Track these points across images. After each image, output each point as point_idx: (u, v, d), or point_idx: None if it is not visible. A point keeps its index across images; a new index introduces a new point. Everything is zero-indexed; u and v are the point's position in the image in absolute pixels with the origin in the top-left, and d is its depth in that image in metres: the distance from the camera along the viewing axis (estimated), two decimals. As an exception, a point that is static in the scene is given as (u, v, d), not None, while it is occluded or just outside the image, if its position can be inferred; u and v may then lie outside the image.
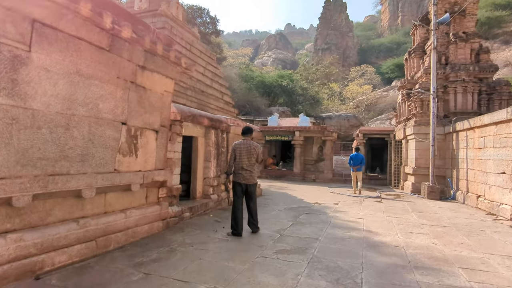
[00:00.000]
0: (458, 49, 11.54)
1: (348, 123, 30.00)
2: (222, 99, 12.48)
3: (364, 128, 16.03)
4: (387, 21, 71.61)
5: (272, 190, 11.17)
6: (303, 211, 7.16)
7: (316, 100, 34.78)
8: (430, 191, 10.05)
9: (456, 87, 11.21)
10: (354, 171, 11.17)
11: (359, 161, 10.99)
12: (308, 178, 15.89)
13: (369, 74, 47.61)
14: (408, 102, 12.82)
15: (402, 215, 7.04)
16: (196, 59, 11.29)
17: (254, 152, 5.02)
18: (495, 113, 7.49)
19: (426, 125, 11.30)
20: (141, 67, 4.50)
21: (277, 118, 18.15)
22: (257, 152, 5.06)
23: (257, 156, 5.08)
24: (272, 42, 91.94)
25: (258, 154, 5.09)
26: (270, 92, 35.64)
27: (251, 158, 4.99)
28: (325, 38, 62.16)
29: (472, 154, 8.96)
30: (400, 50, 53.24)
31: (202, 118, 6.34)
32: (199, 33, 35.19)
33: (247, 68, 39.88)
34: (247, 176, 4.94)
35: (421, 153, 11.43)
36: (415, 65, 13.36)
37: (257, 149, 5.06)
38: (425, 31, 13.22)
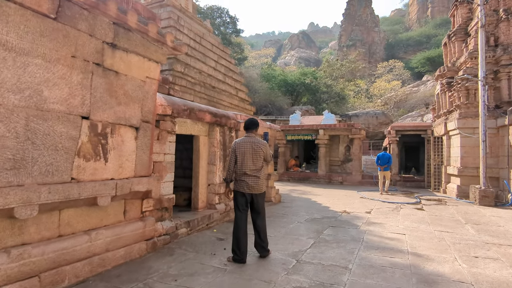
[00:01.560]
0: (510, 27, 9.76)
1: (376, 121, 28.06)
2: (236, 95, 11.43)
3: (396, 124, 14.39)
4: (415, 14, 68.15)
5: (294, 196, 9.93)
6: (328, 224, 5.89)
7: (342, 97, 33.03)
8: (483, 195, 8.40)
9: (510, 72, 9.44)
10: (381, 170, 11.06)
11: (386, 161, 10.92)
12: (334, 181, 14.47)
13: (397, 69, 45.20)
14: (450, 93, 11.13)
15: (454, 229, 5.60)
16: (207, 52, 10.32)
17: (261, 152, 3.87)
18: None
19: (474, 117, 9.61)
20: (111, 45, 3.50)
21: (299, 116, 16.86)
22: (264, 151, 3.90)
23: (264, 156, 3.94)
24: (295, 41, 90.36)
25: (266, 154, 3.94)
26: (293, 91, 34.33)
27: (257, 160, 3.84)
28: (349, 35, 59.96)
29: (538, 151, 7.28)
30: (430, 43, 50.20)
31: (203, 113, 5.28)
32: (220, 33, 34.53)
33: (269, 68, 38.80)
34: (252, 184, 3.80)
35: (467, 151, 9.75)
36: (456, 50, 11.62)
37: (264, 147, 3.90)
38: (467, 10, 11.46)
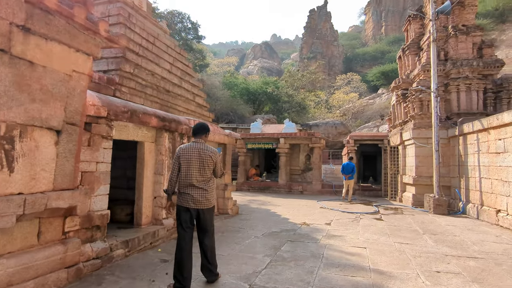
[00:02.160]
0: (458, 42, 10.31)
1: (336, 131, 28.79)
2: (194, 101, 10.80)
3: (355, 133, 14.67)
4: (371, 31, 72.21)
5: (253, 207, 9.48)
6: (286, 238, 5.49)
7: (303, 107, 33.59)
8: (437, 204, 8.58)
9: (459, 85, 9.91)
10: (346, 179, 11.47)
11: (350, 170, 11.31)
12: (294, 190, 14.28)
13: (355, 82, 47.33)
14: (405, 104, 11.48)
15: (413, 240, 5.47)
16: (162, 54, 9.62)
17: (210, 161, 3.36)
18: (520, 109, 6.11)
19: (427, 128, 9.92)
20: (22, 28, 2.83)
21: (260, 124, 16.60)
22: (214, 160, 3.39)
23: (214, 167, 3.43)
24: (257, 51, 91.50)
25: (216, 164, 3.43)
26: (255, 100, 34.29)
27: (205, 170, 3.32)
28: (310, 47, 61.93)
29: (486, 160, 7.55)
30: (384, 58, 53.26)
31: (148, 117, 4.67)
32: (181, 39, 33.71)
33: (231, 76, 38.55)
34: (199, 198, 3.27)
35: (422, 160, 10.01)
36: (410, 63, 12.09)
37: (214, 156, 3.40)
38: (419, 26, 12.01)
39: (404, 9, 65.93)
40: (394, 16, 67.08)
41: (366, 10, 75.83)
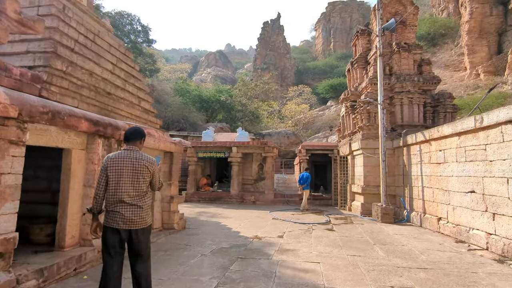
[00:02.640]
0: (401, 59, 10.95)
1: (288, 140, 29.25)
2: (139, 105, 9.97)
3: (306, 143, 14.85)
4: (321, 46, 75.82)
5: (202, 220, 8.89)
6: (237, 255, 5.06)
7: (256, 116, 33.70)
8: (384, 213, 8.81)
9: (402, 99, 10.47)
10: (302, 190, 11.75)
11: (305, 180, 11.49)
12: (247, 201, 13.92)
13: (306, 94, 49.01)
14: (353, 115, 11.85)
15: (365, 252, 5.39)
16: (103, 53, 8.72)
17: (146, 172, 2.83)
18: (458, 123, 6.47)
19: (374, 139, 10.28)
20: None
21: (212, 132, 16.07)
22: (151, 171, 2.87)
23: (151, 179, 2.91)
24: (211, 59, 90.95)
25: (153, 175, 2.91)
26: (208, 108, 33.62)
27: (140, 183, 2.78)
28: (264, 58, 63.08)
29: (428, 170, 7.92)
30: (333, 73, 56.11)
31: (76, 120, 3.98)
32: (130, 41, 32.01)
33: (184, 83, 37.47)
34: (131, 216, 2.71)
35: (370, 170, 10.31)
36: (358, 76, 12.59)
37: (151, 166, 2.87)
38: (366, 41, 12.60)
39: (350, 28, 70.62)
40: (342, 34, 71.38)
41: (317, 27, 79.70)
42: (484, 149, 5.72)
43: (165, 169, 6.93)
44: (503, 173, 5.21)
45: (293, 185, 17.19)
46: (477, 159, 5.91)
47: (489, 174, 5.59)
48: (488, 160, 5.61)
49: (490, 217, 5.54)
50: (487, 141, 5.62)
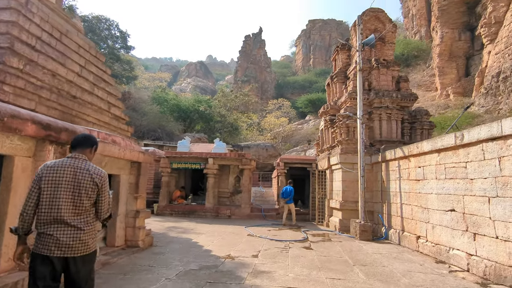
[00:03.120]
0: (380, 75, 11.00)
1: (266, 153, 28.99)
2: (108, 111, 9.32)
3: (285, 156, 14.59)
4: (300, 62, 77.30)
5: (172, 236, 8.27)
6: (206, 278, 4.56)
7: (235, 128, 33.33)
8: (362, 230, 8.56)
9: (381, 114, 10.45)
10: (285, 203, 11.60)
11: (288, 194, 11.50)
12: (222, 215, 13.35)
13: (285, 107, 49.43)
14: (332, 129, 11.72)
15: (345, 274, 5.03)
16: (70, 53, 8.09)
17: (91, 187, 2.33)
18: (438, 139, 6.37)
19: (353, 153, 10.13)
20: None
21: (188, 143, 15.49)
22: (99, 186, 2.37)
23: (98, 198, 2.40)
24: (192, 69, 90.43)
25: (101, 192, 2.39)
26: (186, 117, 32.91)
27: (82, 200, 2.28)
28: (245, 71, 63.38)
29: (407, 187, 7.79)
30: (312, 88, 57.13)
31: (19, 122, 3.43)
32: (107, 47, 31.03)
33: (162, 91, 36.64)
34: (68, 240, 2.19)
35: (348, 185, 10.12)
36: (337, 90, 12.56)
37: (100, 180, 2.38)
38: (346, 56, 12.66)
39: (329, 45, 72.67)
40: (321, 51, 73.28)
41: (297, 43, 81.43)
42: (464, 167, 5.60)
43: (131, 181, 6.35)
44: (484, 192, 5.07)
45: (270, 199, 16.80)
46: (458, 177, 5.78)
47: (469, 193, 5.45)
48: (468, 178, 5.48)
49: (471, 237, 5.37)
50: (468, 158, 5.51)
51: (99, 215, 2.41)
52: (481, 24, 28.65)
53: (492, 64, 26.57)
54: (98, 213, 2.40)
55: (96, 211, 2.38)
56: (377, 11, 11.67)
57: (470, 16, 32.51)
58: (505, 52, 25.12)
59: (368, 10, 11.65)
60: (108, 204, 2.44)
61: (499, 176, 4.75)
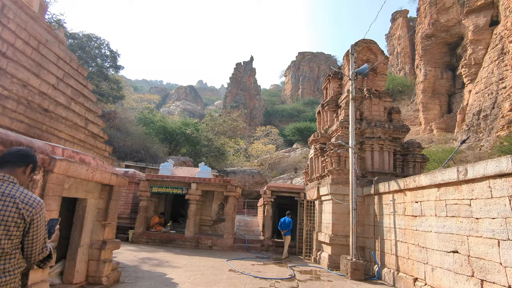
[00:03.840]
0: (372, 105, 10.83)
1: (253, 180, 28.32)
2: (85, 128, 8.63)
3: (272, 184, 13.99)
4: (289, 91, 78.78)
5: (144, 270, 7.38)
6: (176, 329, 3.80)
7: (222, 152, 32.69)
8: (354, 268, 7.90)
9: (373, 144, 10.14)
10: (284, 235, 11.40)
11: (287, 225, 11.33)
12: (203, 245, 12.42)
13: (273, 134, 49.50)
14: (322, 158, 11.32)
15: (340, 325, 4.35)
16: (47, 64, 7.50)
17: (13, 223, 1.70)
18: (438, 173, 5.97)
19: (344, 184, 9.66)
20: None
21: (171, 166, 14.73)
22: (27, 219, 1.74)
23: (26, 235, 1.76)
24: (182, 93, 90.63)
25: (31, 226, 1.76)
26: (172, 140, 32.18)
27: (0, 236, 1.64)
28: (234, 97, 63.90)
29: (402, 223, 7.28)
30: (300, 117, 57.84)
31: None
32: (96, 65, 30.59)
33: (150, 113, 36.01)
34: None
35: (338, 218, 9.54)
36: (328, 119, 12.30)
37: (29, 211, 1.75)
38: (337, 85, 12.54)
39: (318, 77, 74.78)
40: (310, 82, 75.11)
41: (286, 73, 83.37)
42: (468, 204, 5.16)
43: (101, 206, 5.60)
44: (493, 233, 4.61)
45: (255, 228, 15.96)
46: (461, 215, 5.33)
47: (475, 234, 4.97)
48: (473, 217, 5.03)
49: (478, 284, 4.83)
50: (472, 195, 5.09)
51: (29, 257, 1.76)
52: (462, 64, 29.95)
53: (473, 102, 27.47)
54: (28, 255, 1.75)
55: (24, 252, 1.74)
56: (369, 42, 11.74)
57: (452, 56, 34.04)
58: (485, 92, 26.10)
59: (360, 41, 11.70)
60: (42, 242, 1.80)
61: (510, 217, 4.32)
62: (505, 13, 23.63)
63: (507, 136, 20.97)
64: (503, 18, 24.16)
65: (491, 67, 25.81)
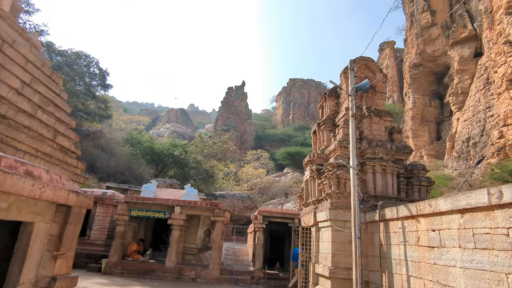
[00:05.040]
0: (372, 124, 10.13)
1: (242, 204, 27.03)
2: (53, 141, 7.57)
3: (264, 209, 12.90)
4: (280, 116, 79.10)
5: (110, 310, 6.11)
6: None
7: (211, 175, 31.48)
8: (360, 308, 6.78)
9: (375, 166, 9.32)
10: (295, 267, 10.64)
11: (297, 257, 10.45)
12: (185, 277, 11.07)
13: (264, 159, 48.82)
14: (319, 180, 10.39)
15: None
16: (12, 67, 6.64)
17: None
18: (462, 197, 5.10)
19: (345, 209, 8.71)
20: None
21: (155, 187, 13.55)
22: None
23: None
24: (172, 115, 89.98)
25: None
26: (159, 161, 30.91)
27: None
28: (225, 120, 63.57)
29: (416, 255, 6.30)
30: (291, 141, 57.56)
31: None
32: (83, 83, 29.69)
33: (138, 134, 34.87)
34: None
35: (339, 248, 8.49)
36: (325, 139, 11.52)
37: None
38: (334, 103, 11.90)
39: (308, 103, 75.59)
40: (300, 108, 75.73)
41: (278, 98, 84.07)
42: (506, 234, 4.27)
43: (53, 232, 4.48)
44: (544, 271, 3.69)
45: (244, 258, 14.62)
46: (495, 247, 4.42)
47: (517, 271, 4.05)
48: (514, 249, 4.13)
49: (525, 336, 3.84)
50: (510, 223, 4.21)
51: None
52: (449, 93, 30.36)
53: (462, 130, 27.51)
54: None
55: None
56: (367, 60, 11.25)
57: (439, 85, 34.61)
58: (472, 120, 26.24)
59: (358, 58, 11.20)
60: None
61: None
62: (488, 45, 24.23)
63: (497, 163, 20.70)
64: (487, 49, 24.77)
65: (478, 96, 26.13)
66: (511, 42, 21.71)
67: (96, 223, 13.26)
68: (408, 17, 36.79)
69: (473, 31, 27.41)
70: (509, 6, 21.89)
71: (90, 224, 13.30)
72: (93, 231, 13.19)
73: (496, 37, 23.34)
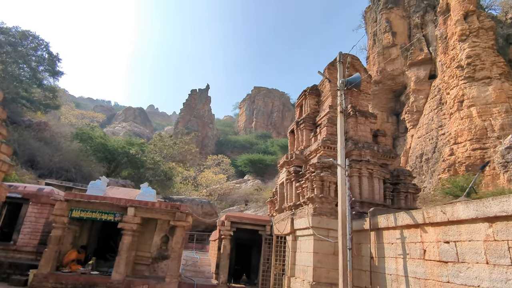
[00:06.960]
0: (358, 124, 9.37)
1: (201, 210, 25.28)
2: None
3: (233, 214, 11.45)
4: (243, 123, 78.43)
5: None
6: None
7: (169, 178, 29.27)
8: (351, 334, 5.71)
9: (361, 169, 8.49)
10: None
11: None
12: (135, 292, 9.27)
13: (224, 164, 47.59)
14: (298, 183, 9.34)
15: None
16: None
17: None
18: (491, 201, 4.26)
19: (329, 216, 7.70)
20: None
21: (104, 185, 11.55)
22: None
23: None
24: (130, 114, 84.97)
25: None
26: (112, 160, 28.05)
27: None
28: (186, 123, 61.33)
29: (421, 271, 5.40)
30: (252, 149, 57.06)
31: None
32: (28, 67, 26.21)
33: (91, 129, 31.51)
34: None
35: (322, 259, 7.42)
36: (304, 138, 10.57)
37: None
38: (315, 102, 11.04)
39: (271, 112, 75.84)
40: (263, 116, 75.72)
41: (241, 105, 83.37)
42: (561, 248, 3.45)
43: None
44: None
45: (206, 269, 13.02)
46: (543, 264, 3.59)
47: None
48: None
49: None
50: None
51: None
52: (405, 110, 31.81)
53: (415, 146, 28.78)
54: None
55: None
56: (352, 57, 10.59)
57: (396, 102, 36.22)
58: (426, 137, 27.59)
59: (343, 55, 10.48)
60: None
61: None
62: (442, 68, 25.73)
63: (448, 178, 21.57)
64: (441, 72, 26.30)
65: (431, 115, 27.55)
66: (463, 67, 23.08)
67: (26, 225, 10.92)
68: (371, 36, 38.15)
69: (428, 55, 29.03)
70: (462, 34, 23.33)
71: (18, 227, 10.93)
72: (22, 235, 10.84)
73: (449, 61, 24.82)
